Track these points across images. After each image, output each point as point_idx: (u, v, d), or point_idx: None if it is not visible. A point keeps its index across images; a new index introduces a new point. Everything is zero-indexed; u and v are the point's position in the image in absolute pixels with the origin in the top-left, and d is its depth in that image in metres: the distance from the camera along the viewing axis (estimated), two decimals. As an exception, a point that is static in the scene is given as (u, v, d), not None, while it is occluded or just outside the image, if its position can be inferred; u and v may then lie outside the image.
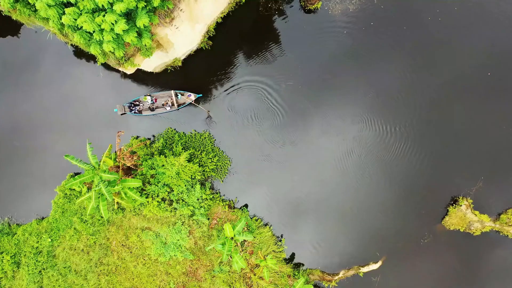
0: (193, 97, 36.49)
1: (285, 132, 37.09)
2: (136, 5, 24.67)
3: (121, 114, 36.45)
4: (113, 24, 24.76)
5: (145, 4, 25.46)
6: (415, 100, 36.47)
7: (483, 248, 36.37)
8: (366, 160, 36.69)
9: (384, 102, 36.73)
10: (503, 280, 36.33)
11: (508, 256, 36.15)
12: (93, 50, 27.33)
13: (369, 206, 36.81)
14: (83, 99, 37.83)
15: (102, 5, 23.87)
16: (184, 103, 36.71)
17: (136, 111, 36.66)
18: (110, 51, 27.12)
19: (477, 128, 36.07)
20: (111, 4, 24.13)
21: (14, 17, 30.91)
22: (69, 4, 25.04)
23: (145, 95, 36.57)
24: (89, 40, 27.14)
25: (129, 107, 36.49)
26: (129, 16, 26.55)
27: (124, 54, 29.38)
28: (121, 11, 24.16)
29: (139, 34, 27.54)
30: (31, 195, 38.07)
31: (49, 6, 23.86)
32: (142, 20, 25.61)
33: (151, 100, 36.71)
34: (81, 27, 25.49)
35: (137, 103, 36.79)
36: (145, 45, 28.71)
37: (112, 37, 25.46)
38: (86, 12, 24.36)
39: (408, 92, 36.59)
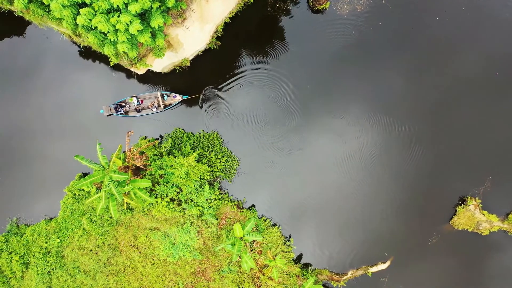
0: (179, 98, 36.49)
1: (292, 135, 37.08)
2: (151, 6, 24.70)
3: (108, 115, 36.38)
4: (127, 24, 24.77)
5: (160, 4, 25.47)
6: (423, 100, 36.54)
7: (491, 248, 36.44)
8: (374, 161, 36.74)
9: (391, 102, 36.80)
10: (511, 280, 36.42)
11: (516, 256, 36.27)
12: (106, 50, 27.31)
13: (377, 206, 36.84)
14: (90, 101, 37.69)
15: (117, 6, 23.88)
16: (170, 104, 36.71)
17: (122, 112, 36.59)
18: (124, 52, 27.10)
19: (485, 128, 36.14)
20: (126, 5, 24.13)
21: (27, 18, 30.84)
22: (83, 5, 25.05)
23: (131, 96, 36.45)
24: (102, 41, 27.14)
25: (115, 108, 36.35)
26: (143, 16, 26.55)
27: (137, 54, 29.35)
28: (136, 12, 24.17)
29: (153, 35, 27.54)
30: (39, 195, 37.99)
31: (64, 6, 23.84)
32: (156, 21, 25.62)
33: (137, 101, 36.62)
34: (96, 27, 25.46)
35: (123, 104, 36.68)
36: (158, 45, 28.70)
37: (127, 38, 25.44)
38: (101, 13, 24.35)
39: (415, 93, 36.66)
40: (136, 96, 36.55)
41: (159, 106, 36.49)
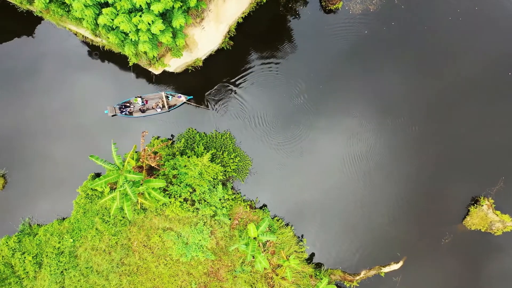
0: (183, 98, 36.44)
1: (303, 137, 37.05)
2: (173, 5, 24.65)
3: (112, 116, 36.40)
4: (149, 24, 24.74)
5: (181, 4, 25.43)
6: (435, 99, 36.58)
7: (504, 248, 36.43)
8: (385, 161, 36.77)
9: (404, 103, 36.84)
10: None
11: (530, 256, 36.26)
12: (127, 50, 27.26)
13: (389, 206, 36.83)
14: (94, 101, 37.44)
15: (140, 5, 23.84)
16: (175, 104, 36.67)
17: (127, 112, 36.58)
18: (144, 52, 27.03)
19: (498, 128, 36.20)
20: (148, 4, 24.10)
21: (46, 18, 30.78)
22: (104, 4, 25.01)
23: (135, 97, 36.42)
24: (123, 40, 27.09)
25: (120, 108, 36.37)
26: (164, 16, 26.52)
27: (157, 54, 29.35)
28: (158, 11, 24.14)
29: (173, 34, 27.50)
30: (51, 195, 37.86)
31: (86, 6, 23.82)
32: (178, 21, 25.59)
33: (142, 102, 36.59)
34: (117, 27, 25.41)
35: (128, 104, 36.66)
36: (178, 45, 28.69)
37: (148, 37, 25.41)
38: (123, 12, 24.31)
39: (426, 91, 36.69)
40: (140, 97, 36.50)
41: (163, 106, 36.46)
